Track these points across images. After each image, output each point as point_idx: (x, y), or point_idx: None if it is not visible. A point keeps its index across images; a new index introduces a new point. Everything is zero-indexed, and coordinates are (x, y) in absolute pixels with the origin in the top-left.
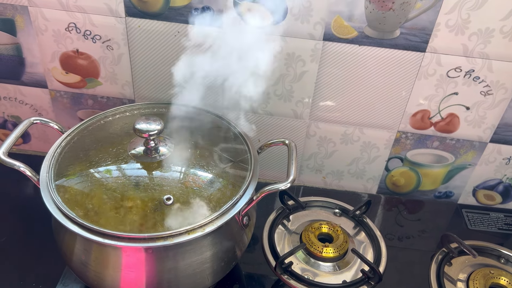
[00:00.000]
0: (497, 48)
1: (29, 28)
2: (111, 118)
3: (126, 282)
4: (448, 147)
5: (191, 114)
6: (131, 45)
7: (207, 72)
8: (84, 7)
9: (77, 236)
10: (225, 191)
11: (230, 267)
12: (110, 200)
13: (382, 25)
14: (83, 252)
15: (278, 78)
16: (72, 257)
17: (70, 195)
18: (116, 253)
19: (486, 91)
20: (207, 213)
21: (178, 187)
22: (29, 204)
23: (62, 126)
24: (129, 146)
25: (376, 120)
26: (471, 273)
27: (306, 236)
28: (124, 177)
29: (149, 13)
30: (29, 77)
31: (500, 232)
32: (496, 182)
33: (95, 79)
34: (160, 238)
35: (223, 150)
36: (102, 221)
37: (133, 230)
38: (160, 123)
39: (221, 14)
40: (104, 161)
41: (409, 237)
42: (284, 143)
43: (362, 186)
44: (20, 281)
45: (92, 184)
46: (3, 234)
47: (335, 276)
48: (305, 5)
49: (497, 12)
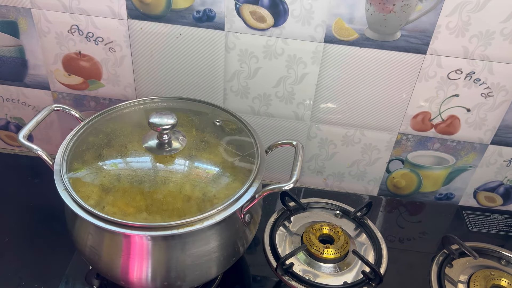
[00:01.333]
0: (497, 50)
1: (32, 30)
2: (132, 109)
3: (134, 269)
4: (449, 149)
5: (203, 109)
6: (133, 47)
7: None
8: (87, 10)
9: (87, 223)
10: (230, 187)
11: (231, 262)
12: (120, 189)
13: (383, 27)
14: (93, 239)
15: (279, 80)
16: (83, 243)
17: (82, 182)
18: (126, 241)
19: (486, 93)
20: (210, 207)
21: (187, 180)
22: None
23: (82, 115)
24: (143, 139)
25: (377, 122)
26: (472, 275)
27: (307, 237)
28: (136, 169)
29: (151, 16)
30: (32, 79)
31: (501, 233)
32: (497, 184)
33: (98, 81)
34: (165, 228)
35: (232, 146)
36: (113, 209)
37: (141, 219)
38: (173, 117)
39: (222, 17)
40: (119, 152)
41: (410, 239)
42: (291, 144)
43: (363, 188)
44: (22, 281)
45: (105, 174)
46: (4, 233)
47: (336, 277)
48: (306, 8)
49: (498, 15)
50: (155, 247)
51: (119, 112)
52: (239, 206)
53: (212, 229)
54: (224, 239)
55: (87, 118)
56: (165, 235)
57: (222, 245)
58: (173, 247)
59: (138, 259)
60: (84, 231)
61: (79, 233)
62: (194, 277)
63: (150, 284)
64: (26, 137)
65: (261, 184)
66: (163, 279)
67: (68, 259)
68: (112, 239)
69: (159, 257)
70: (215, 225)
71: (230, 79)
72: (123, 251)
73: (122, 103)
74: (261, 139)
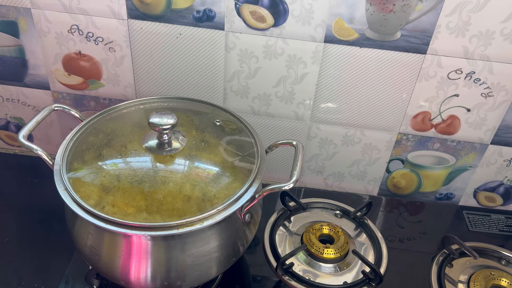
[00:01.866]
0: (497, 50)
1: (32, 30)
2: (132, 109)
3: (134, 269)
4: (449, 149)
5: (203, 109)
6: (133, 47)
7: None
8: (87, 9)
9: (87, 223)
10: (230, 187)
11: (231, 262)
12: (120, 188)
13: (383, 27)
14: (93, 239)
15: (279, 80)
16: (83, 243)
17: (82, 182)
18: (126, 241)
19: (486, 93)
20: (210, 207)
21: (187, 180)
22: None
23: (82, 115)
24: (143, 139)
25: (377, 122)
26: (472, 275)
27: (307, 237)
28: (136, 169)
29: (151, 15)
30: (32, 79)
31: (501, 233)
32: (497, 184)
33: (98, 81)
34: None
35: (232, 146)
36: (113, 209)
37: (141, 219)
38: (173, 117)
39: (222, 17)
40: (119, 152)
41: (410, 239)
42: (291, 144)
43: (363, 188)
44: (22, 281)
45: (105, 174)
46: (4, 233)
47: (336, 277)
48: (306, 7)
49: (498, 14)
50: (155, 247)
51: (119, 112)
52: (239, 206)
53: (212, 229)
54: (224, 239)
55: (87, 118)
56: (165, 235)
57: (222, 245)
58: (173, 247)
59: (138, 259)
60: (84, 231)
61: (79, 233)
62: (194, 277)
63: (150, 284)
64: (26, 137)
65: (261, 184)
66: (163, 279)
67: (68, 259)
68: (112, 239)
69: (159, 257)
70: (215, 225)
71: (230, 79)
72: (123, 251)
73: (122, 103)
74: (261, 139)
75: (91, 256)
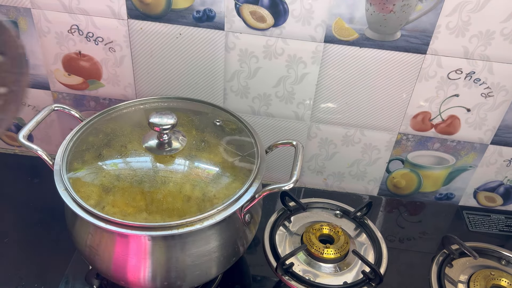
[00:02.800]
0: (497, 50)
1: (32, 30)
2: (132, 109)
3: (134, 269)
4: (449, 149)
5: (203, 109)
6: (133, 47)
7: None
8: (87, 9)
9: (87, 223)
10: (230, 187)
11: (231, 262)
12: (120, 188)
13: (383, 27)
14: (93, 239)
15: (279, 80)
16: (83, 243)
17: (82, 182)
18: (126, 241)
19: (486, 93)
20: (210, 207)
21: (187, 180)
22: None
23: (82, 115)
24: (143, 139)
25: (377, 122)
26: (472, 275)
27: (307, 237)
28: (136, 169)
29: (151, 16)
30: (32, 79)
31: (501, 233)
32: (497, 184)
33: (97, 81)
34: (165, 228)
35: (232, 146)
36: (113, 209)
37: (141, 219)
38: (173, 117)
39: (222, 17)
40: (119, 152)
41: (410, 239)
42: (291, 144)
43: (363, 188)
44: (22, 281)
45: (105, 174)
46: (4, 233)
47: (336, 277)
48: (306, 7)
49: (498, 14)
50: (155, 247)
51: (119, 112)
52: (239, 206)
53: (212, 229)
54: (224, 239)
55: (87, 118)
56: (165, 235)
57: (222, 245)
58: (173, 247)
59: (138, 259)
60: (84, 231)
61: (79, 233)
62: (194, 277)
63: (150, 284)
64: (26, 137)
65: (261, 184)
66: (163, 279)
67: (68, 259)
68: (112, 239)
69: (159, 257)
70: (215, 225)
71: (230, 79)
72: (123, 251)
73: (122, 103)
74: (261, 139)
75: (91, 256)
